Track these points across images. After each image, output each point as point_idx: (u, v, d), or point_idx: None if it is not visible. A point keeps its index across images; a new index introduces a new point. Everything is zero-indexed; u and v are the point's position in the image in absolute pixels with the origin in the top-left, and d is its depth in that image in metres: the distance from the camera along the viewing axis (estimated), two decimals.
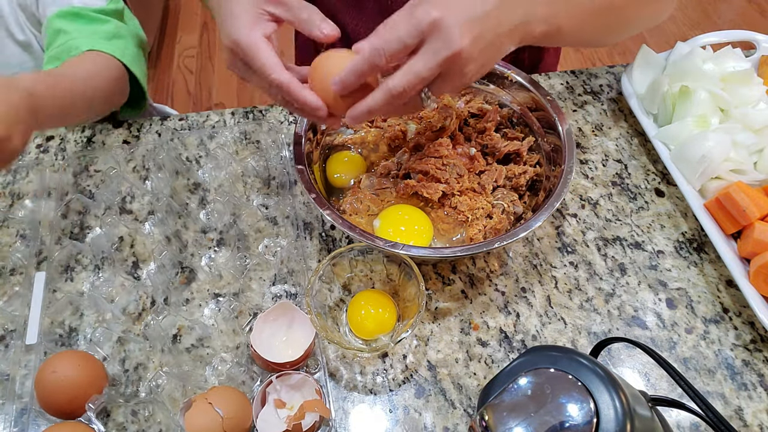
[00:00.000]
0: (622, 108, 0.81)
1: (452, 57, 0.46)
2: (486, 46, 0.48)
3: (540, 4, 0.51)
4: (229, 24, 0.53)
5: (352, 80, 0.49)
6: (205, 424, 0.51)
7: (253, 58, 0.51)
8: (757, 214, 0.62)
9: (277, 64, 0.51)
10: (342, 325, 0.61)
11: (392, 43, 0.47)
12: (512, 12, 0.49)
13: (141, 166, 0.76)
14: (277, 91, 0.52)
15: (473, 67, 0.48)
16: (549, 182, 0.64)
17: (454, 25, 0.46)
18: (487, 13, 0.47)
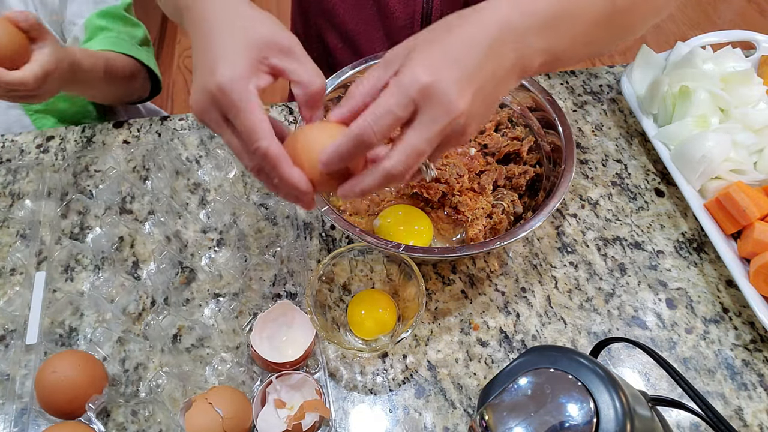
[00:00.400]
0: (622, 108, 0.81)
1: (452, 122, 0.41)
2: (486, 97, 0.44)
3: (533, 35, 0.45)
4: (217, 64, 0.43)
5: (338, 163, 0.43)
6: (205, 424, 0.51)
7: (241, 115, 0.42)
8: (757, 214, 0.62)
9: (268, 130, 0.42)
10: (342, 325, 0.61)
11: (383, 119, 0.41)
12: (505, 53, 0.44)
13: (141, 166, 0.76)
14: (260, 160, 0.43)
15: (475, 124, 0.44)
16: (549, 182, 0.64)
17: (449, 87, 0.40)
18: (480, 63, 0.42)
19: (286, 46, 0.45)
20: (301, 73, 0.45)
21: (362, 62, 0.69)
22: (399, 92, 0.40)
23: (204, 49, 0.45)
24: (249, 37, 0.44)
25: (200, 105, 0.44)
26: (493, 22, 0.44)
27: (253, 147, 0.42)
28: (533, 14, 0.45)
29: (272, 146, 0.42)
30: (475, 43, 0.43)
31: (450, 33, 0.43)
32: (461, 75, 0.41)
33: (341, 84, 0.69)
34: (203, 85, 0.43)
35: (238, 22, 0.45)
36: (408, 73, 0.41)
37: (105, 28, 0.81)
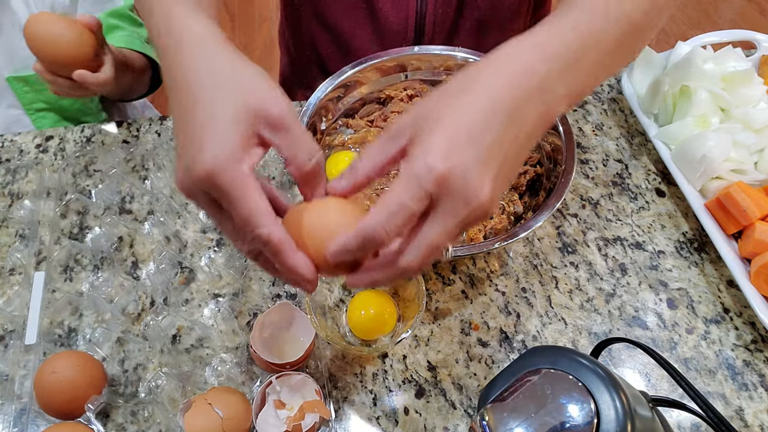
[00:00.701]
0: (623, 108, 0.81)
1: (474, 211, 0.36)
2: (510, 168, 0.39)
3: (558, 80, 0.40)
4: (204, 142, 0.37)
5: (346, 258, 0.38)
6: (204, 424, 0.51)
7: (235, 203, 0.37)
8: (757, 214, 0.62)
9: (268, 214, 0.37)
10: (342, 326, 0.61)
11: (396, 216, 0.36)
12: (529, 112, 0.39)
13: (141, 165, 0.76)
14: (258, 246, 0.38)
15: (497, 203, 0.38)
16: (549, 182, 0.64)
17: (467, 174, 0.35)
18: (501, 134, 0.37)
19: (277, 117, 0.38)
20: (293, 150, 0.39)
21: (362, 62, 0.69)
22: (413, 185, 0.35)
23: (186, 115, 0.39)
24: (238, 107, 0.38)
25: (187, 188, 0.38)
26: (513, 78, 0.39)
27: (252, 235, 0.37)
28: (557, 58, 0.40)
29: (274, 232, 0.37)
30: (493, 111, 0.37)
31: (464, 101, 0.38)
32: (480, 155, 0.36)
33: (341, 84, 0.69)
34: (189, 166, 0.37)
35: (225, 85, 0.39)
36: (420, 161, 0.36)
37: (117, 26, 0.84)
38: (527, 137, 0.39)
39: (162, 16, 0.43)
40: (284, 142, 0.39)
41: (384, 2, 0.78)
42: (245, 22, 2.26)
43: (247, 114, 0.38)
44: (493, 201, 0.37)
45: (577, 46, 0.41)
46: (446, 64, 0.71)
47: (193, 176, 0.37)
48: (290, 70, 0.98)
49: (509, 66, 0.39)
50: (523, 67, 0.39)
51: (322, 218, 0.39)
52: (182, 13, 0.42)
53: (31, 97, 0.85)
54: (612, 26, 0.44)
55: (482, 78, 0.39)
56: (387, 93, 0.73)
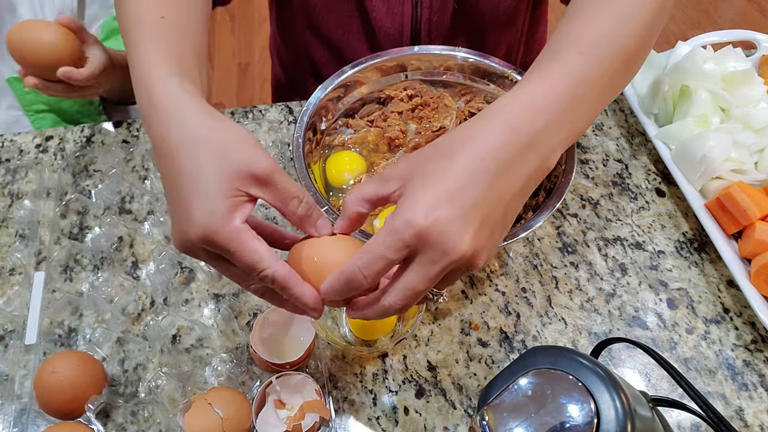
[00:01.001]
0: (623, 108, 0.81)
1: (453, 262, 0.38)
2: (495, 225, 0.40)
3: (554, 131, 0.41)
4: (193, 209, 0.39)
5: (336, 298, 0.41)
6: (204, 424, 0.51)
7: (235, 255, 0.39)
8: (757, 214, 0.62)
9: (269, 255, 0.39)
10: (342, 326, 0.61)
11: (373, 264, 0.38)
12: (519, 169, 0.40)
13: (140, 165, 0.76)
14: (266, 284, 0.41)
15: (486, 254, 0.40)
16: (549, 182, 0.64)
17: (446, 229, 0.37)
18: (485, 192, 0.38)
19: (261, 174, 0.40)
20: (283, 201, 0.42)
21: (362, 62, 0.69)
22: (392, 238, 0.38)
23: (174, 184, 0.40)
24: (221, 170, 0.39)
25: (186, 249, 0.41)
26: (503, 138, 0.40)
27: (259, 276, 0.40)
28: (550, 111, 0.41)
29: (278, 271, 0.40)
30: (479, 172, 0.39)
31: (451, 159, 0.39)
32: (461, 213, 0.38)
33: (341, 84, 0.69)
34: (183, 231, 0.39)
35: (207, 151, 0.40)
36: (401, 216, 0.38)
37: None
38: (516, 193, 0.40)
39: (143, 81, 0.44)
40: (272, 195, 0.41)
41: (378, 11, 0.77)
42: (245, 22, 2.26)
43: (231, 176, 0.39)
44: (477, 251, 0.38)
45: (570, 94, 0.42)
46: (446, 64, 0.71)
47: (189, 239, 0.39)
48: (284, 77, 0.98)
49: (499, 126, 0.40)
50: (512, 126, 0.40)
51: (327, 255, 0.42)
52: (161, 77, 0.43)
53: (31, 98, 0.85)
54: (607, 63, 0.44)
55: (471, 136, 0.40)
56: (387, 93, 0.73)
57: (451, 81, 0.72)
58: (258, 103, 1.59)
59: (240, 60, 2.13)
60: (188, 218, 0.39)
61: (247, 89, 2.04)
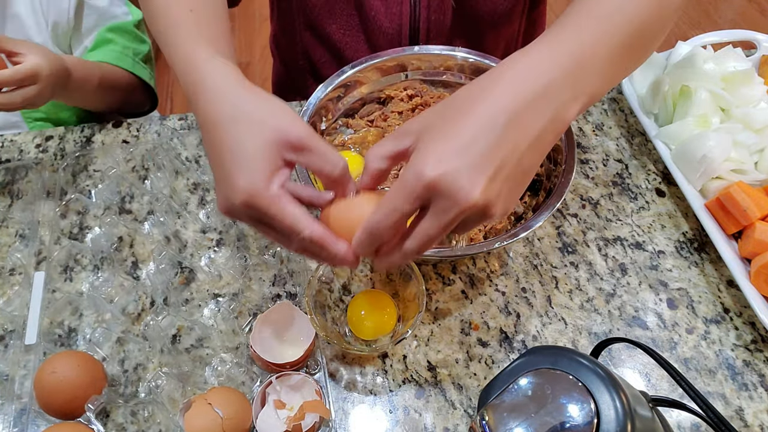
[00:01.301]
0: (623, 108, 0.81)
1: (465, 211, 0.39)
2: (509, 175, 0.41)
3: (566, 87, 0.42)
4: (237, 176, 0.42)
5: (363, 250, 0.44)
6: (204, 424, 0.51)
7: (275, 218, 0.42)
8: (757, 214, 0.62)
9: (307, 218, 0.43)
10: (342, 326, 0.61)
11: (390, 217, 0.41)
12: (531, 122, 0.41)
13: (140, 165, 0.76)
14: (304, 245, 0.44)
15: (500, 204, 0.41)
16: (549, 182, 0.64)
17: (457, 179, 0.39)
18: (497, 143, 0.39)
19: (298, 141, 0.43)
20: (319, 165, 0.44)
21: (362, 62, 0.69)
22: (405, 190, 0.40)
23: (218, 155, 0.44)
24: (260, 139, 0.43)
25: (230, 213, 0.44)
26: (515, 88, 0.41)
27: (297, 238, 0.43)
28: (561, 66, 0.42)
29: (315, 232, 0.43)
30: (491, 120, 0.40)
31: (463, 113, 0.41)
32: (472, 162, 0.39)
33: (341, 84, 0.69)
34: (227, 197, 0.43)
35: (247, 121, 0.44)
36: (413, 169, 0.40)
37: (111, 41, 0.84)
38: (532, 144, 0.41)
39: (184, 63, 0.48)
40: (309, 160, 0.44)
41: (377, 11, 0.78)
42: (245, 21, 2.26)
43: (271, 143, 0.43)
44: (490, 200, 0.40)
45: (581, 53, 0.43)
46: (446, 63, 0.71)
47: (233, 204, 0.43)
48: (284, 76, 0.98)
49: (512, 77, 0.41)
50: (525, 77, 0.41)
51: (353, 212, 0.46)
52: (203, 59, 0.47)
53: None
54: (618, 29, 0.45)
55: (482, 90, 0.42)
56: (387, 93, 0.73)
57: (451, 81, 0.72)
58: None
59: (241, 59, 2.13)
60: (232, 185, 0.42)
61: None
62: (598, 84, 0.45)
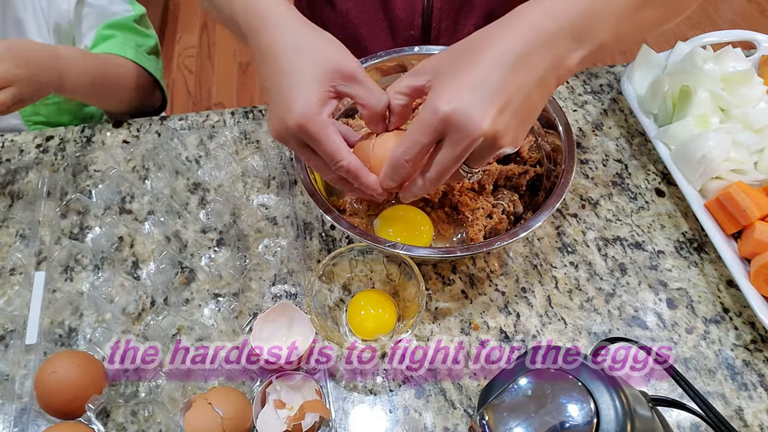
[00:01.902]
0: (623, 108, 0.81)
1: (475, 141, 0.44)
2: (517, 109, 0.45)
3: (567, 37, 0.46)
4: (293, 100, 0.47)
5: (389, 183, 0.50)
6: (204, 424, 0.51)
7: (321, 144, 0.48)
8: (757, 214, 0.62)
9: (345, 149, 0.49)
10: (342, 325, 0.61)
11: (411, 150, 0.46)
12: (536, 63, 0.45)
13: (141, 165, 0.76)
14: (341, 173, 0.50)
15: (509, 136, 0.46)
16: (549, 182, 0.64)
17: (467, 112, 0.43)
18: (504, 81, 0.44)
19: (350, 72, 0.49)
20: (366, 97, 0.50)
21: (362, 62, 0.69)
22: (423, 125, 0.45)
23: (277, 81, 0.49)
24: (317, 68, 0.48)
25: (280, 135, 0.50)
26: (521, 32, 0.45)
27: (335, 166, 0.49)
28: (566, 17, 0.46)
29: (352, 162, 0.49)
30: (500, 59, 0.44)
31: (474, 54, 0.45)
32: (481, 97, 0.43)
33: None
34: (282, 119, 0.48)
35: (305, 52, 0.48)
36: (429, 105, 0.44)
37: (111, 36, 0.85)
38: (537, 84, 0.46)
39: (244, 3, 0.52)
40: (358, 91, 0.49)
41: None
42: None
43: (326, 72, 0.48)
44: (499, 132, 0.44)
45: (593, 7, 0.47)
46: None
47: (285, 126, 0.48)
48: None
49: (518, 23, 0.46)
50: (531, 24, 0.45)
51: (384, 147, 0.51)
52: None
53: (31, 110, 0.85)
54: None
55: (493, 34, 0.46)
56: None
57: None
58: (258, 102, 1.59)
59: (241, 59, 2.13)
60: (288, 108, 0.47)
61: (247, 89, 2.04)
62: (606, 37, 0.48)
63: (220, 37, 2.21)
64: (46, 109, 0.85)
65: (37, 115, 0.86)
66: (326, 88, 0.48)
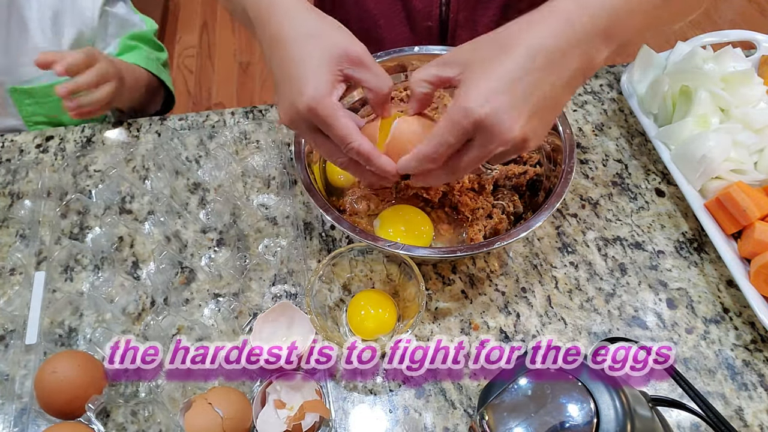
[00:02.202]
0: (623, 108, 0.81)
1: (504, 145, 0.45)
2: (545, 112, 0.46)
3: (599, 36, 0.46)
4: (303, 85, 0.47)
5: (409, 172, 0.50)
6: (205, 424, 0.51)
7: (332, 127, 0.48)
8: (757, 214, 0.62)
9: (356, 131, 0.49)
10: (342, 325, 0.61)
11: (440, 148, 0.47)
12: (567, 62, 0.45)
13: (141, 166, 0.76)
14: (352, 156, 0.50)
15: (536, 138, 0.47)
16: (549, 182, 0.64)
17: (500, 118, 0.43)
18: (537, 82, 0.44)
19: (357, 56, 0.49)
20: (372, 81, 0.51)
21: None
22: (453, 125, 0.45)
23: (287, 67, 0.49)
24: (325, 53, 0.49)
25: (291, 119, 0.50)
26: (555, 30, 0.45)
27: (347, 148, 0.49)
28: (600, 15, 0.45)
29: (363, 144, 0.48)
30: (532, 62, 0.44)
31: (507, 50, 0.45)
32: (514, 101, 0.44)
33: None
34: (292, 104, 0.48)
35: (313, 38, 0.49)
36: (462, 105, 0.44)
37: (135, 47, 0.90)
38: (565, 84, 0.46)
39: None
40: (364, 75, 0.50)
41: None
42: None
43: (333, 57, 0.49)
44: (527, 135, 0.45)
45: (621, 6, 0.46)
46: None
47: (295, 110, 0.48)
48: None
49: (552, 20, 0.45)
50: (565, 22, 0.45)
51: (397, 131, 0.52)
52: None
53: (32, 110, 0.85)
54: None
55: (527, 29, 0.46)
56: None
57: None
58: (258, 102, 1.59)
59: (241, 59, 2.13)
60: (299, 92, 0.47)
61: (247, 89, 2.04)
62: (631, 34, 0.49)
63: (220, 37, 2.22)
64: (48, 105, 0.85)
65: (38, 116, 0.86)
66: (335, 72, 0.49)
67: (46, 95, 0.83)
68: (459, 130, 0.45)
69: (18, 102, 0.84)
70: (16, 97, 0.83)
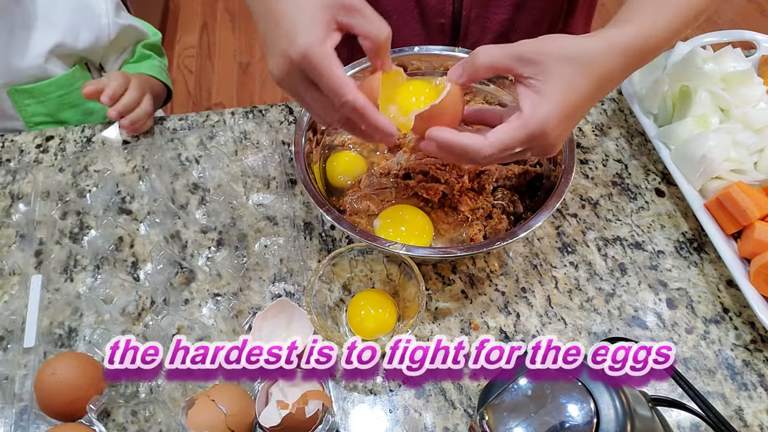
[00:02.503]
0: (623, 108, 0.81)
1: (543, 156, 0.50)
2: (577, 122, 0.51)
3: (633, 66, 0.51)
4: (295, 32, 0.45)
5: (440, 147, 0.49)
6: (208, 420, 0.51)
7: (325, 76, 0.45)
8: (757, 214, 0.62)
9: (351, 84, 0.46)
10: (342, 325, 0.61)
11: (503, 152, 0.47)
12: (608, 89, 0.50)
13: (140, 166, 0.76)
14: (346, 112, 0.47)
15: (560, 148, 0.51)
16: (549, 182, 0.64)
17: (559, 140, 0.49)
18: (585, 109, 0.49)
19: (349, 2, 0.47)
20: (368, 27, 0.48)
21: (362, 62, 0.69)
22: (522, 137, 0.46)
23: (276, 17, 0.47)
24: (318, 1, 0.47)
25: (282, 71, 0.47)
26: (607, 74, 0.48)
27: (340, 102, 0.46)
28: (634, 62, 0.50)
29: (358, 98, 0.46)
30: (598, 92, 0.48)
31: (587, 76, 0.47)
32: (569, 127, 0.49)
33: None
34: (284, 53, 0.46)
35: None
36: (538, 121, 0.46)
37: (149, 56, 0.95)
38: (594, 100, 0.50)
39: None
40: (359, 21, 0.48)
41: None
42: (246, 21, 2.26)
43: (325, 5, 0.47)
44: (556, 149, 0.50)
45: (650, 50, 0.51)
46: (446, 64, 0.71)
47: (287, 60, 0.46)
48: None
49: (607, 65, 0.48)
50: (613, 69, 0.49)
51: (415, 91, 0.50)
52: None
53: (33, 110, 0.85)
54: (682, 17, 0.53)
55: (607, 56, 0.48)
56: None
57: None
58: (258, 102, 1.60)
59: (241, 59, 2.13)
60: (292, 41, 0.45)
61: (247, 89, 2.04)
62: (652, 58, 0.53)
63: (220, 37, 2.22)
64: (48, 105, 0.85)
65: (39, 115, 0.86)
66: (328, 20, 0.47)
67: (47, 94, 0.83)
68: (525, 142, 0.47)
69: (18, 103, 0.84)
70: (15, 98, 0.83)
